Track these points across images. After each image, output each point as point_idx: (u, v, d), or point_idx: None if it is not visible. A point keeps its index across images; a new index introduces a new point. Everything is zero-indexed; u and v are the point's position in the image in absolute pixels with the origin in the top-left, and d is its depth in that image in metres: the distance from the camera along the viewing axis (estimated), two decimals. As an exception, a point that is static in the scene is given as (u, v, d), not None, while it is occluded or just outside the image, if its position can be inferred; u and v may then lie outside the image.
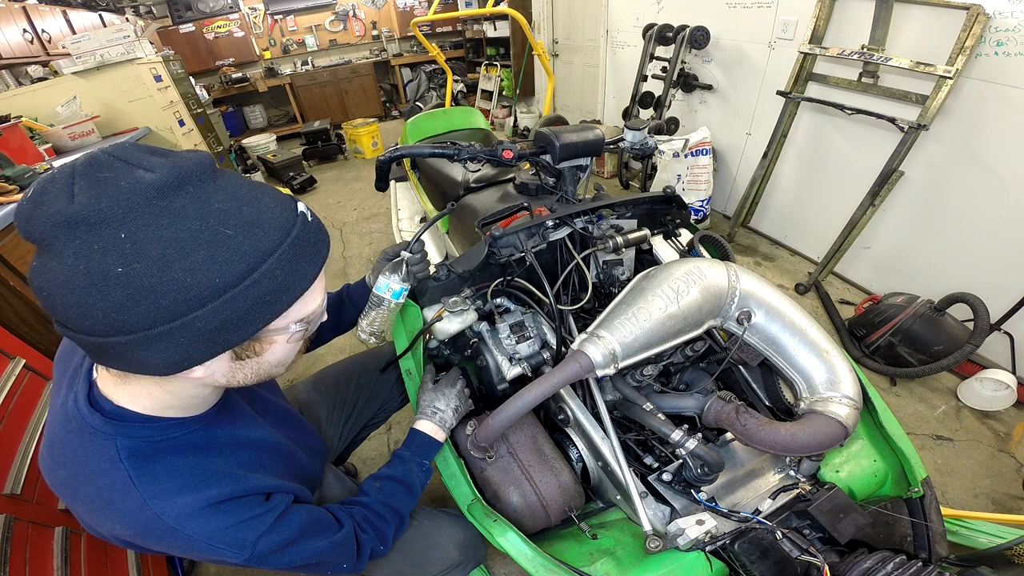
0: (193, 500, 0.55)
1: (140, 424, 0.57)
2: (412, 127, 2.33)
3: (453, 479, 0.87)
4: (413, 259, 0.94)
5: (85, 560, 1.03)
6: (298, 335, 0.58)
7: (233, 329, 0.47)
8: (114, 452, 0.54)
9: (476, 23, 5.79)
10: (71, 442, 0.56)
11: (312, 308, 0.57)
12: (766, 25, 2.48)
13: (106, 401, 0.57)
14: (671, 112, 3.10)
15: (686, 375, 1.07)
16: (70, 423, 0.57)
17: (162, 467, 0.56)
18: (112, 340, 0.43)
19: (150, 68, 3.19)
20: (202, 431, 0.62)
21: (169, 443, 0.58)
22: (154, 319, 0.42)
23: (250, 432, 0.70)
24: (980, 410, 1.77)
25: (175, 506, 0.54)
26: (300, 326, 0.56)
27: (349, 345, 2.27)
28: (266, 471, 0.68)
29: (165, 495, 0.54)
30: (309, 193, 4.39)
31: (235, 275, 0.45)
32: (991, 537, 1.10)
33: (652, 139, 1.25)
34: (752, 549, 0.74)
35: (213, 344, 0.47)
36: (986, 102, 1.74)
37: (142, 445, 0.56)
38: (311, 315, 0.57)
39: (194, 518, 0.55)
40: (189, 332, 0.44)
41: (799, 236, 2.76)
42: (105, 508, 0.55)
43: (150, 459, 0.56)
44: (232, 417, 0.69)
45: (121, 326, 0.42)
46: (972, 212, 1.88)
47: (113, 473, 0.54)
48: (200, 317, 0.44)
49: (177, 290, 0.42)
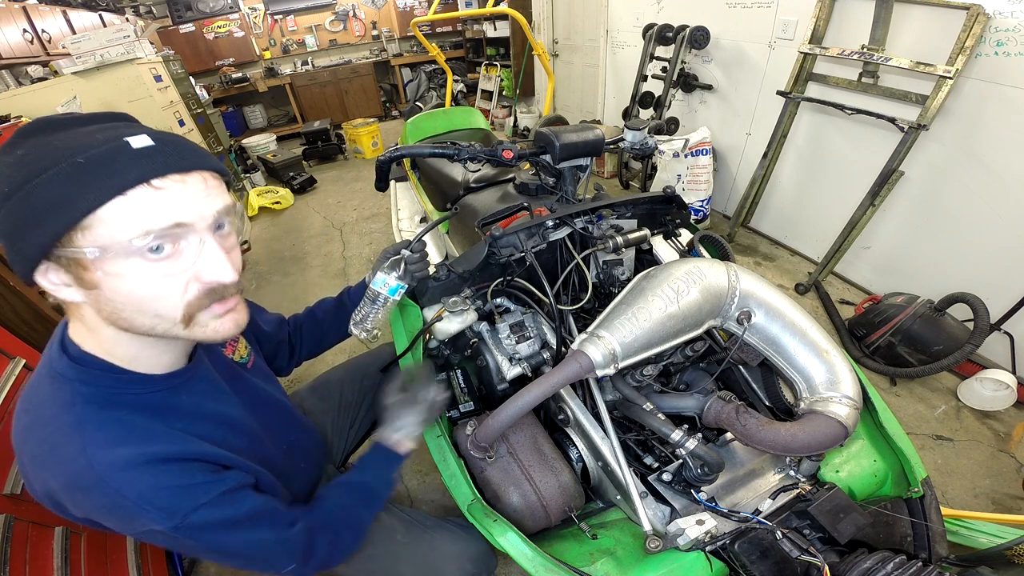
0: (132, 452, 0.54)
1: (102, 372, 0.58)
2: (412, 127, 2.33)
3: (453, 479, 0.87)
4: (412, 257, 0.94)
5: (85, 560, 1.03)
6: (130, 267, 0.51)
7: (21, 236, 0.50)
8: (70, 396, 0.56)
9: (476, 23, 5.79)
10: (39, 386, 0.59)
11: (124, 236, 0.50)
12: (766, 25, 2.48)
13: (72, 345, 0.59)
14: (671, 112, 3.10)
15: (686, 375, 1.07)
16: (43, 368, 0.60)
17: (113, 417, 0.57)
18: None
19: (150, 68, 3.19)
20: (166, 392, 0.62)
21: (128, 397, 0.59)
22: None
23: (219, 407, 0.69)
24: (980, 410, 1.77)
25: (111, 456, 0.53)
26: (96, 251, 0.50)
27: (349, 346, 2.27)
28: (229, 448, 0.66)
29: (106, 443, 0.54)
30: (309, 193, 4.40)
31: (13, 184, 0.49)
32: (991, 537, 1.10)
33: (652, 139, 1.25)
34: (752, 549, 0.74)
35: (15, 250, 0.51)
36: (986, 102, 1.74)
37: (100, 393, 0.57)
38: (115, 244, 0.50)
39: (126, 471, 0.54)
40: (5, 223, 0.50)
41: (799, 236, 2.76)
42: (47, 455, 0.55)
43: (103, 407, 0.57)
44: (203, 389, 0.68)
45: None
46: (972, 212, 1.88)
47: (64, 417, 0.55)
48: (8, 210, 0.49)
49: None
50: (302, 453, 0.91)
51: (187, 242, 0.54)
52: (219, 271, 0.56)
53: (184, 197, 0.53)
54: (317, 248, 3.36)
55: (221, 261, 0.56)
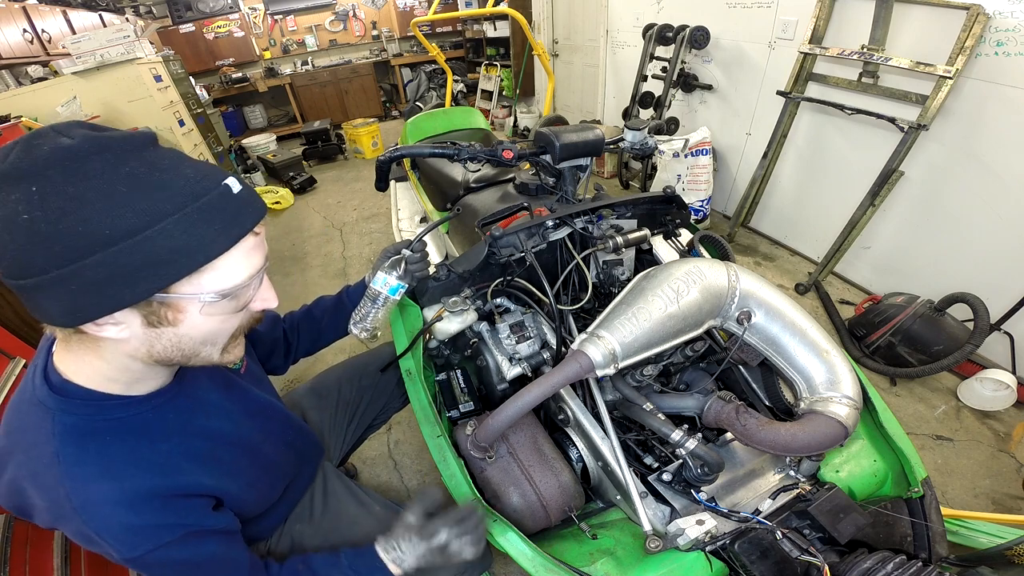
0: (109, 488, 0.55)
1: (83, 401, 0.57)
2: (412, 127, 2.33)
3: (453, 479, 0.87)
4: (413, 257, 0.94)
5: (85, 560, 1.03)
6: (217, 308, 0.55)
7: (124, 283, 0.48)
8: (50, 427, 0.55)
9: (476, 23, 5.79)
10: (20, 411, 0.58)
11: (233, 282, 0.54)
12: (766, 25, 2.48)
13: (55, 374, 0.58)
14: (671, 112, 3.10)
15: (686, 375, 1.07)
16: (24, 393, 0.59)
17: (94, 448, 0.56)
18: (20, 283, 0.47)
19: (150, 68, 3.19)
20: (151, 412, 0.61)
21: (111, 423, 0.58)
22: (48, 263, 0.45)
23: (210, 422, 0.69)
24: (980, 410, 1.77)
25: (88, 490, 0.54)
26: (216, 297, 0.54)
27: (349, 345, 2.27)
28: (219, 465, 0.66)
29: (84, 478, 0.54)
30: (309, 193, 4.40)
31: (126, 228, 0.46)
32: (991, 537, 1.10)
33: (652, 139, 1.25)
34: (752, 549, 0.74)
35: (105, 296, 0.48)
36: (986, 102, 1.74)
37: (81, 422, 0.56)
38: (232, 289, 0.55)
39: (101, 506, 0.54)
40: (80, 280, 0.46)
41: (799, 236, 2.76)
42: (29, 478, 0.55)
43: (85, 437, 0.56)
44: (191, 404, 0.67)
45: (23, 269, 0.46)
46: (972, 212, 1.88)
47: (44, 447, 0.55)
48: (89, 266, 0.46)
49: (69, 237, 0.45)
50: (300, 455, 0.91)
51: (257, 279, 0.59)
52: (270, 302, 0.63)
53: (262, 239, 0.59)
54: (317, 248, 3.36)
55: (272, 293, 0.63)
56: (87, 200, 0.46)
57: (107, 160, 0.47)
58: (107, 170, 0.47)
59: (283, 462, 0.80)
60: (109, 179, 0.47)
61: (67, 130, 0.48)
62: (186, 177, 0.51)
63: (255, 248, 0.57)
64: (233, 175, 0.56)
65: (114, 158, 0.48)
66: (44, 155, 0.46)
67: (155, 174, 0.49)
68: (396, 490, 1.68)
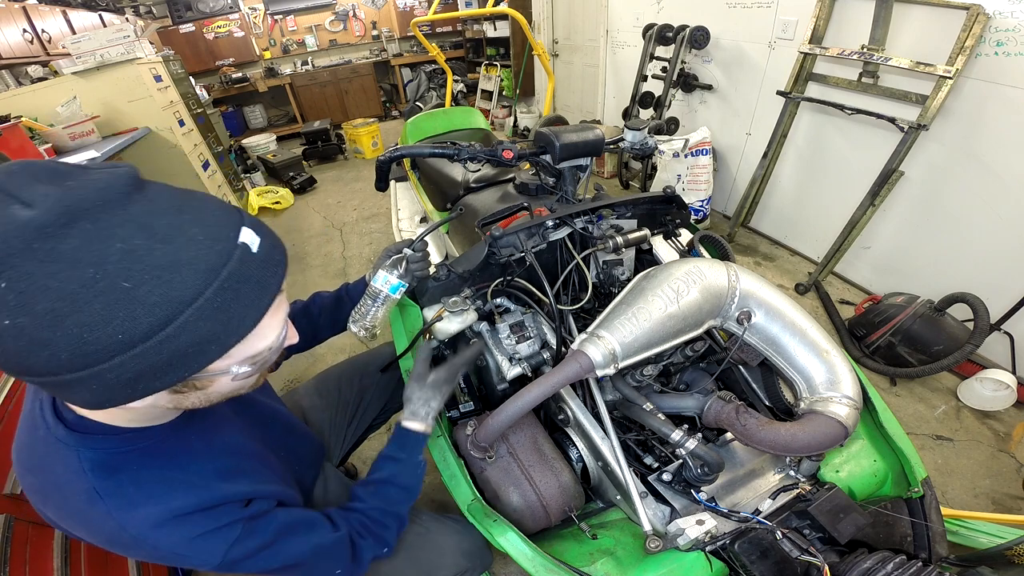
0: (157, 511, 0.54)
1: (103, 436, 0.55)
2: (412, 127, 2.33)
3: (453, 479, 0.87)
4: (414, 256, 0.94)
5: (85, 560, 1.03)
6: (247, 371, 0.54)
7: (154, 378, 0.44)
8: (78, 464, 0.53)
9: (476, 23, 5.79)
10: (38, 450, 0.56)
11: (261, 347, 0.52)
12: (766, 25, 2.48)
13: (68, 411, 0.55)
14: (671, 112, 3.09)
15: (686, 375, 1.07)
16: (37, 430, 0.55)
17: (127, 478, 0.54)
18: (25, 377, 0.41)
19: (150, 68, 3.19)
20: (173, 437, 0.60)
21: (135, 454, 0.56)
22: (57, 368, 0.39)
23: (227, 437, 0.69)
24: (980, 410, 1.77)
25: (138, 517, 0.53)
26: (248, 367, 0.52)
27: (349, 345, 2.27)
28: (245, 476, 0.66)
29: (129, 506, 0.53)
30: (309, 193, 4.40)
31: (142, 330, 0.40)
32: (991, 537, 1.10)
33: (652, 139, 1.25)
34: (752, 549, 0.74)
35: (135, 390, 0.44)
36: (986, 102, 1.74)
37: (107, 456, 0.54)
38: (260, 354, 0.53)
39: (157, 529, 0.54)
40: (101, 380, 0.41)
41: (799, 236, 2.76)
42: (73, 515, 0.55)
43: (115, 470, 0.54)
44: (206, 423, 0.66)
45: (26, 370, 0.39)
46: (972, 212, 1.88)
47: (78, 484, 0.53)
48: (109, 369, 0.40)
49: (75, 345, 0.38)
50: (301, 459, 0.91)
51: None
52: (292, 339, 0.61)
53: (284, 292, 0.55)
54: (317, 248, 3.36)
55: (293, 331, 0.61)
56: (82, 300, 0.37)
57: (86, 234, 0.37)
58: (92, 251, 0.37)
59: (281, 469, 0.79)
60: (99, 265, 0.37)
61: (18, 189, 0.36)
62: (196, 243, 0.42)
63: (280, 304, 0.54)
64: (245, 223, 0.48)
65: (95, 228, 0.38)
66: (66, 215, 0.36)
67: (156, 249, 0.40)
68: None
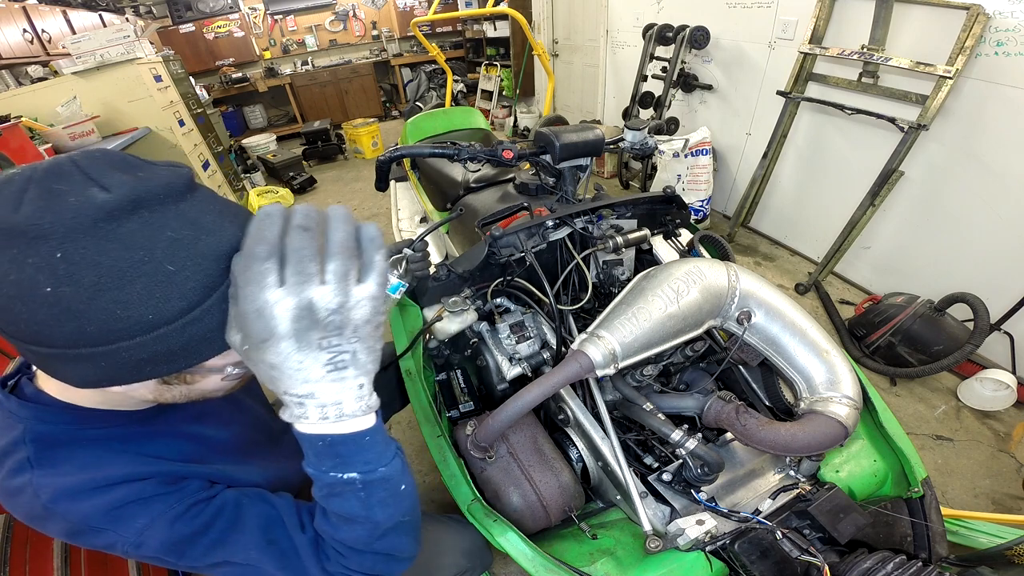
0: (73, 481, 0.51)
1: (62, 410, 0.53)
2: (412, 127, 2.33)
3: (453, 479, 0.87)
4: (414, 256, 0.94)
5: (85, 560, 1.03)
6: (236, 376, 0.53)
7: (163, 363, 0.45)
8: (20, 435, 0.51)
9: (476, 23, 5.79)
10: None
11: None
12: (766, 25, 2.48)
13: (29, 385, 0.54)
14: (671, 112, 3.10)
15: (686, 375, 1.07)
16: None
17: (65, 452, 0.52)
18: (32, 348, 0.42)
19: (150, 68, 3.19)
20: (138, 424, 0.58)
21: (91, 433, 0.54)
22: (77, 341, 0.40)
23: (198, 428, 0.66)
24: (980, 410, 1.77)
25: (52, 485, 0.50)
26: (240, 369, 0.52)
27: (349, 345, 2.27)
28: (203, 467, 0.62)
29: (49, 475, 0.51)
30: (309, 193, 4.40)
31: (172, 313, 0.42)
32: (991, 537, 1.10)
33: (652, 139, 1.26)
34: (752, 549, 0.74)
35: (138, 372, 0.45)
36: (986, 102, 1.74)
37: (58, 430, 0.53)
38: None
39: (71, 498, 0.50)
40: (113, 359, 0.42)
41: (799, 236, 2.76)
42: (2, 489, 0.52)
43: (58, 445, 0.52)
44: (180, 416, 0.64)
45: (43, 340, 0.41)
46: (972, 212, 1.88)
47: (15, 454, 0.51)
48: (126, 348, 0.42)
49: (105, 319, 0.40)
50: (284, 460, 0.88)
51: None
52: None
53: None
54: (317, 248, 3.36)
55: None
56: (126, 278, 0.39)
57: (145, 221, 0.41)
58: (147, 236, 0.40)
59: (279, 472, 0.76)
60: (150, 249, 0.40)
61: (99, 175, 0.40)
62: (231, 239, 0.45)
63: None
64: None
65: (152, 217, 0.41)
66: (71, 211, 0.38)
67: (201, 239, 0.43)
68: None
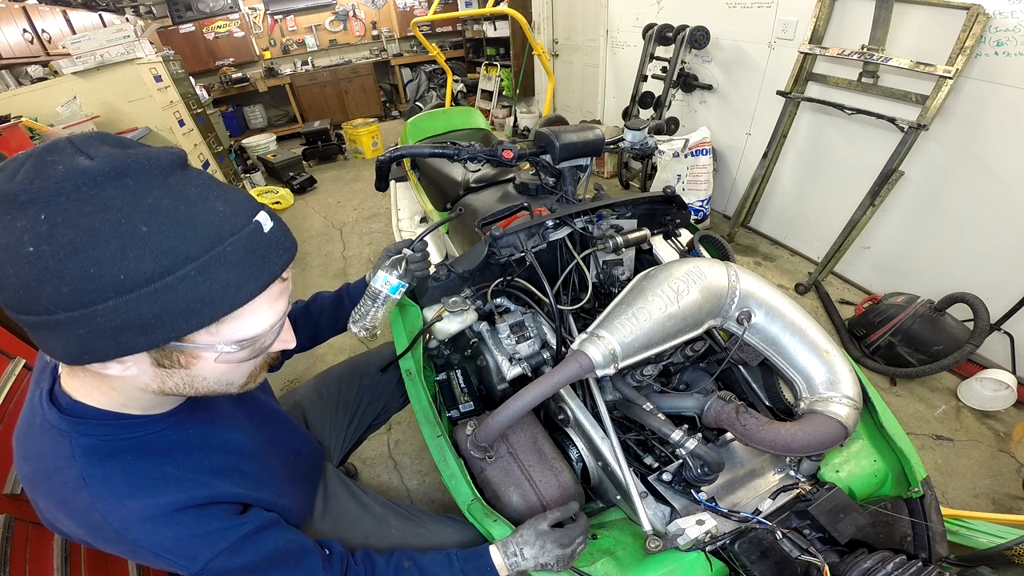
0: (144, 505, 0.53)
1: (99, 421, 0.55)
2: (412, 127, 2.33)
3: (453, 479, 0.87)
4: (414, 256, 0.94)
5: (85, 561, 1.03)
6: (234, 357, 0.52)
7: (139, 332, 0.44)
8: (69, 450, 0.53)
9: (476, 23, 5.79)
10: (33, 437, 0.56)
11: (253, 331, 0.51)
12: (766, 25, 2.48)
13: (64, 396, 0.56)
14: (671, 112, 3.10)
15: (686, 375, 1.07)
16: (34, 417, 0.56)
17: (118, 467, 0.54)
18: (22, 317, 0.43)
19: (150, 68, 3.19)
20: (171, 431, 0.60)
21: (131, 442, 0.56)
22: (55, 304, 0.41)
23: (227, 434, 0.67)
24: (980, 410, 1.77)
25: (123, 510, 0.52)
26: (234, 348, 0.51)
27: (349, 345, 2.27)
28: (243, 477, 0.65)
29: (115, 497, 0.52)
30: (309, 193, 4.40)
31: (143, 275, 0.42)
32: (991, 537, 1.10)
33: (652, 139, 1.25)
34: (752, 549, 0.74)
35: (117, 343, 0.44)
36: (986, 102, 1.74)
37: (100, 443, 0.54)
38: (252, 339, 0.51)
39: (143, 524, 0.53)
40: (89, 325, 0.42)
41: (799, 236, 2.76)
42: (59, 505, 0.54)
43: (107, 458, 0.54)
44: (209, 416, 0.66)
45: (28, 305, 0.42)
46: (972, 212, 1.88)
47: (67, 471, 0.53)
48: (101, 312, 0.42)
49: (79, 279, 0.41)
50: (304, 460, 0.91)
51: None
52: (289, 343, 0.60)
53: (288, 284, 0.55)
54: (317, 248, 3.36)
55: (291, 335, 0.60)
56: (101, 237, 0.41)
57: (127, 188, 0.42)
58: (127, 201, 0.42)
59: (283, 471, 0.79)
60: (128, 213, 0.42)
61: (87, 147, 0.43)
62: (215, 213, 0.46)
63: (281, 294, 0.53)
64: (265, 209, 0.50)
65: (135, 185, 0.43)
66: (57, 176, 0.40)
67: (180, 208, 0.44)
68: (396, 490, 1.68)
